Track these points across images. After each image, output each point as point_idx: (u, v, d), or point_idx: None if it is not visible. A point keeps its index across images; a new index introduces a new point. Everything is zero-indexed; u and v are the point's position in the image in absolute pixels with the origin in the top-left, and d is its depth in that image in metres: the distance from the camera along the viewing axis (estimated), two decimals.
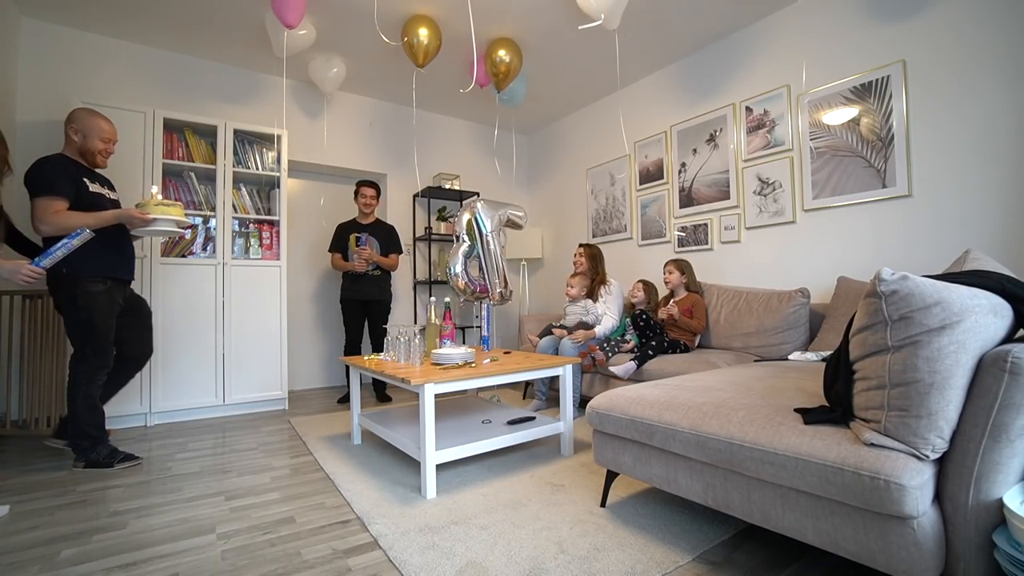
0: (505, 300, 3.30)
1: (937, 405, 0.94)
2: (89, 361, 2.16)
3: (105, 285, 2.18)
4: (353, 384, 2.58)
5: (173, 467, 2.20)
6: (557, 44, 3.40)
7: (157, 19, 3.06)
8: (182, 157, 3.15)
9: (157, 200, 2.20)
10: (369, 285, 3.53)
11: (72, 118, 2.22)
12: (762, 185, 3.09)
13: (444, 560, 1.35)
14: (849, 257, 2.70)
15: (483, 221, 3.15)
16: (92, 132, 2.22)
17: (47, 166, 2.10)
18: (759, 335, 2.70)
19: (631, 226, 4.01)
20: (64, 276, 2.08)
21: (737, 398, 1.41)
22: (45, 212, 2.04)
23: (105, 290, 2.17)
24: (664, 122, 3.73)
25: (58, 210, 2.06)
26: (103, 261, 2.17)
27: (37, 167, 2.09)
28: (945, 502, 0.98)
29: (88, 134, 2.21)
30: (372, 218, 3.68)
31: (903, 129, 2.47)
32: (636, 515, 1.60)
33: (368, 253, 3.45)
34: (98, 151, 2.24)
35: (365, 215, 3.64)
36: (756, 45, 3.14)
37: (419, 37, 2.98)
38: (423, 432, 1.81)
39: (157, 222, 2.16)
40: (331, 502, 1.79)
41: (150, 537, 1.53)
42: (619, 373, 2.72)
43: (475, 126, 4.88)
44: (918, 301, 0.95)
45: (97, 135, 2.22)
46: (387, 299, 3.64)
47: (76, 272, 2.09)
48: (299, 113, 3.91)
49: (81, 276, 2.10)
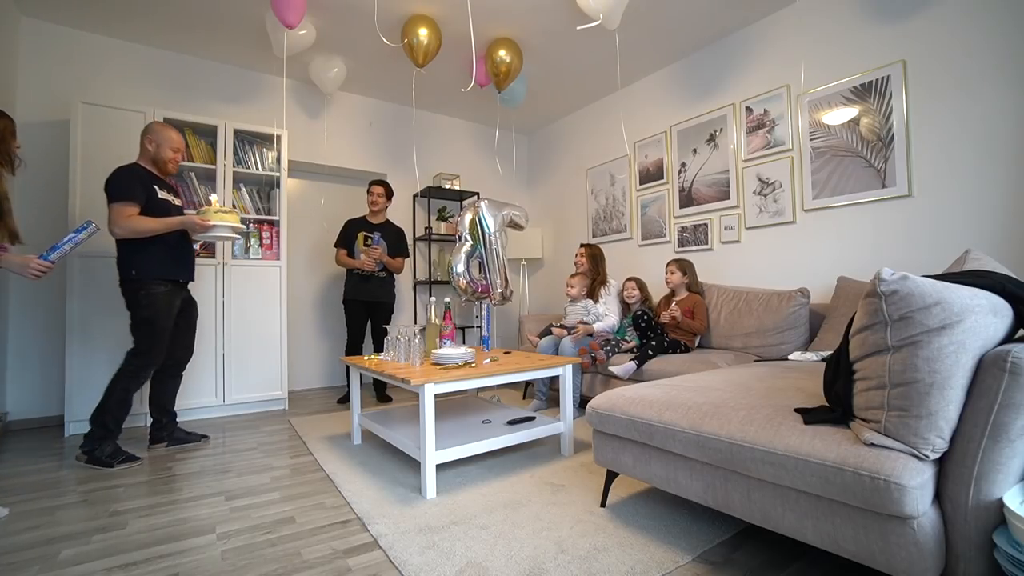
0: (506, 300, 3.30)
1: (937, 405, 0.94)
2: (143, 357, 2.28)
3: (166, 287, 2.33)
4: (353, 384, 2.58)
5: (173, 467, 2.20)
6: (557, 44, 3.40)
7: (157, 19, 3.06)
8: (182, 157, 3.14)
9: (216, 208, 2.34)
10: (375, 286, 3.51)
11: (148, 130, 2.39)
12: (762, 185, 3.09)
13: (444, 560, 1.35)
14: (849, 257, 2.70)
15: (487, 221, 3.15)
16: (164, 142, 2.39)
17: (123, 174, 2.26)
18: (759, 335, 2.70)
19: (631, 226, 4.01)
20: (132, 277, 2.26)
21: (737, 398, 1.41)
22: (119, 216, 2.21)
23: (166, 291, 2.33)
24: (664, 122, 3.73)
25: (130, 215, 2.22)
26: (165, 264, 2.33)
27: (115, 175, 2.25)
28: (945, 502, 0.98)
29: (161, 144, 2.38)
30: (382, 218, 3.65)
31: (903, 129, 2.47)
32: (636, 515, 1.60)
33: (379, 253, 3.43)
34: (169, 159, 2.42)
35: (374, 214, 3.61)
36: (756, 45, 3.14)
37: (419, 37, 2.98)
38: (423, 432, 1.81)
39: (216, 228, 2.30)
40: (331, 502, 1.79)
41: (150, 537, 1.53)
42: (619, 373, 2.72)
43: (475, 126, 4.88)
44: (918, 301, 0.95)
45: (168, 145, 2.40)
46: (391, 301, 3.62)
47: (142, 274, 2.27)
48: (299, 113, 3.91)
49: (146, 278, 2.27)
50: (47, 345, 3.00)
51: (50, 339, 3.00)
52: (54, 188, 3.01)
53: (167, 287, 2.34)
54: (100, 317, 2.82)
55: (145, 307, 2.27)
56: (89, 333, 2.79)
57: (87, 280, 2.81)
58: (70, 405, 2.73)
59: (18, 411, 2.91)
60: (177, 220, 2.30)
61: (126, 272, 2.26)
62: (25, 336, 2.96)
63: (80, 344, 2.77)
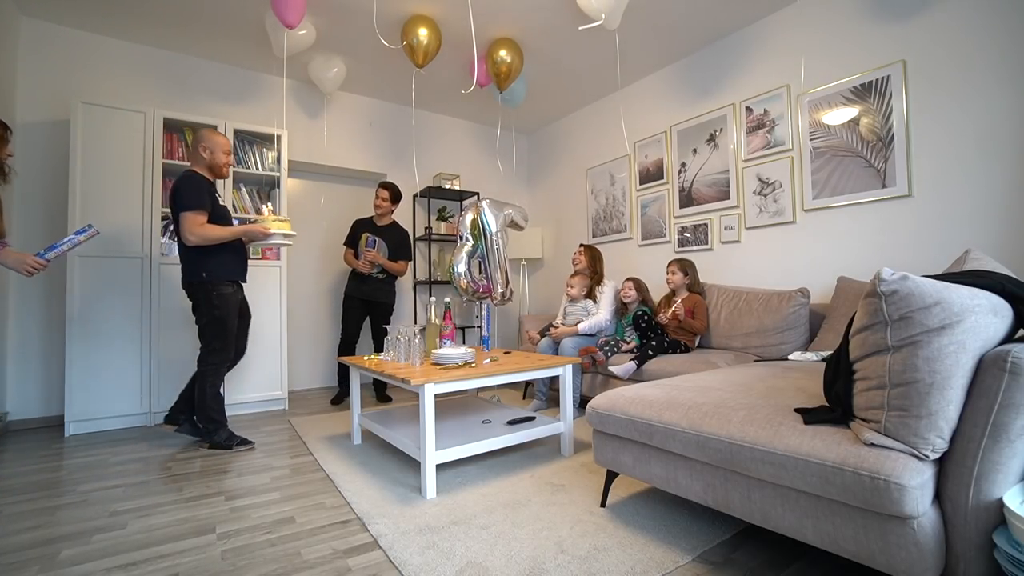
0: (506, 300, 3.31)
1: (937, 405, 0.94)
2: (217, 355, 2.44)
3: (232, 287, 2.48)
4: (353, 384, 2.58)
5: (173, 467, 2.20)
6: (557, 44, 3.40)
7: (157, 19, 3.06)
8: (182, 157, 3.15)
9: (273, 216, 2.50)
10: (373, 287, 3.52)
11: (200, 137, 2.45)
12: (762, 185, 3.09)
13: (444, 560, 1.35)
14: (849, 257, 2.70)
15: (489, 221, 3.15)
16: (217, 147, 2.47)
17: (190, 184, 2.36)
18: (759, 335, 2.70)
19: (631, 226, 4.01)
20: (203, 279, 2.39)
21: (737, 398, 1.41)
22: (192, 225, 2.31)
23: (233, 292, 2.48)
24: (664, 122, 3.72)
25: (202, 223, 2.34)
26: (231, 267, 2.47)
27: (184, 186, 2.35)
28: (945, 502, 0.98)
29: (215, 149, 2.46)
30: (388, 220, 3.63)
31: (903, 129, 2.47)
32: (636, 515, 1.60)
33: (373, 255, 3.43)
34: (224, 163, 2.50)
35: (379, 216, 3.60)
36: (756, 45, 3.14)
37: (419, 37, 2.98)
38: (423, 432, 1.81)
39: (273, 236, 2.47)
40: (331, 502, 1.79)
41: (150, 537, 1.53)
42: (619, 373, 2.72)
43: (475, 126, 4.88)
44: (918, 301, 0.95)
45: (221, 149, 2.48)
46: (390, 301, 3.62)
47: (212, 276, 2.40)
48: (299, 113, 3.91)
49: (216, 280, 2.41)
50: (47, 345, 3.00)
51: (50, 339, 3.00)
52: (54, 188, 3.01)
53: (233, 288, 2.48)
54: (100, 317, 2.82)
55: (217, 307, 2.41)
56: (89, 333, 2.79)
57: (87, 280, 2.81)
58: (70, 405, 2.73)
59: (18, 411, 2.91)
60: (241, 229, 2.45)
61: (195, 275, 2.39)
62: (25, 336, 2.96)
63: (80, 344, 2.77)
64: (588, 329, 3.11)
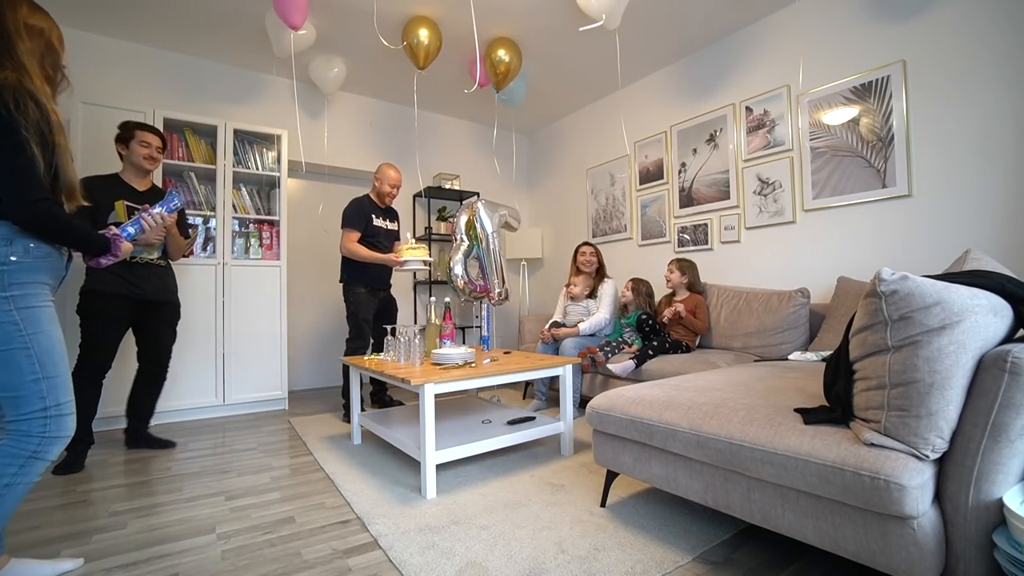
0: (503, 300, 3.31)
1: (937, 405, 0.94)
2: (355, 341, 2.97)
3: (365, 290, 3.02)
4: (353, 384, 2.58)
5: (173, 467, 2.20)
6: (557, 44, 3.40)
7: (157, 19, 3.06)
8: (182, 157, 3.15)
9: (411, 245, 2.88)
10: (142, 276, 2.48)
11: (378, 170, 3.11)
12: (762, 185, 3.09)
13: (444, 560, 1.35)
14: (849, 257, 2.70)
15: (484, 222, 3.16)
16: (384, 180, 3.08)
17: (354, 206, 3.02)
18: (759, 335, 2.70)
19: (631, 226, 4.00)
20: (344, 280, 3.04)
21: (737, 398, 1.41)
22: (346, 240, 2.95)
23: (365, 293, 3.02)
24: (664, 122, 3.72)
25: (352, 239, 2.95)
26: (361, 275, 3.01)
27: (349, 206, 3.02)
28: (945, 502, 0.98)
29: (383, 181, 3.08)
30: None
31: (903, 129, 2.47)
32: (636, 515, 1.60)
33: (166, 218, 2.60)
34: (386, 194, 3.11)
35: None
36: (756, 45, 3.14)
37: (419, 38, 2.98)
38: (423, 432, 1.81)
39: (409, 263, 2.88)
40: (331, 502, 1.79)
41: (150, 537, 1.53)
42: (617, 371, 2.72)
43: (475, 126, 4.88)
44: (918, 301, 0.95)
45: (387, 182, 3.08)
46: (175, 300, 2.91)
47: (348, 280, 3.02)
48: (299, 113, 3.91)
49: (351, 282, 3.01)
50: None
51: None
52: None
53: (365, 290, 3.02)
54: None
55: (351, 303, 3.00)
56: None
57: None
58: None
59: None
60: (382, 257, 2.95)
61: (341, 277, 3.05)
62: None
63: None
64: (589, 329, 3.12)
